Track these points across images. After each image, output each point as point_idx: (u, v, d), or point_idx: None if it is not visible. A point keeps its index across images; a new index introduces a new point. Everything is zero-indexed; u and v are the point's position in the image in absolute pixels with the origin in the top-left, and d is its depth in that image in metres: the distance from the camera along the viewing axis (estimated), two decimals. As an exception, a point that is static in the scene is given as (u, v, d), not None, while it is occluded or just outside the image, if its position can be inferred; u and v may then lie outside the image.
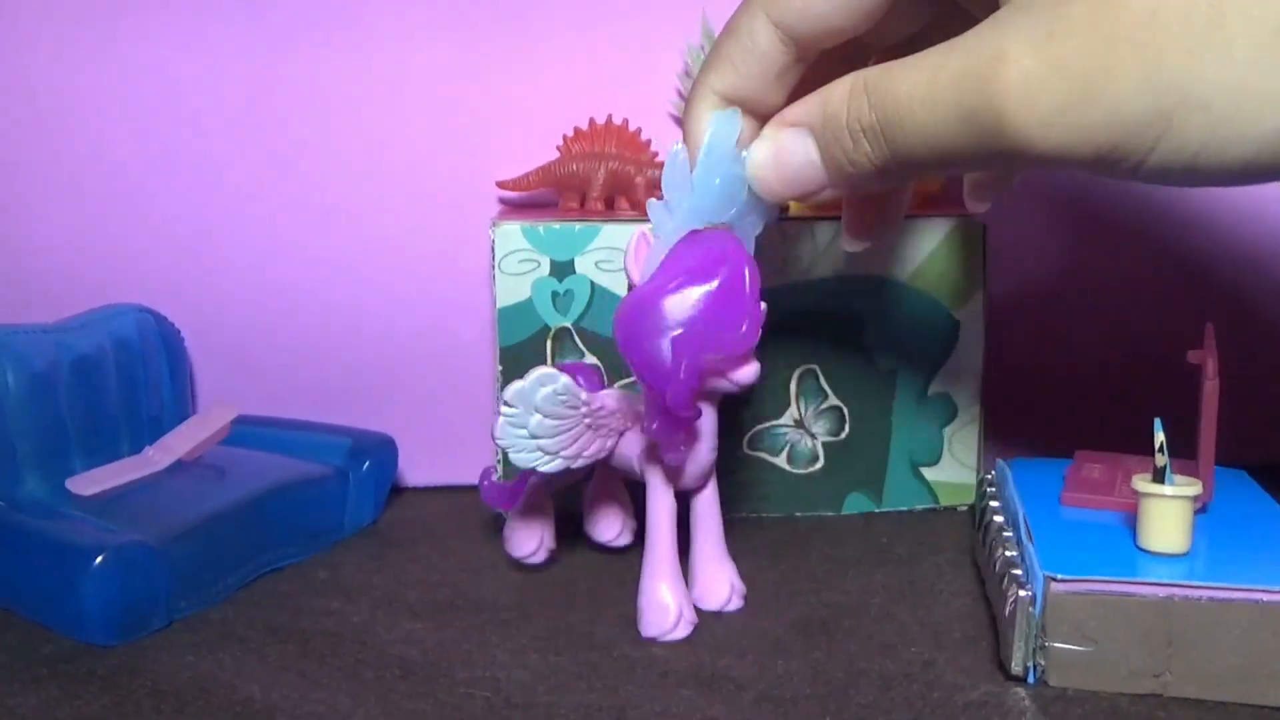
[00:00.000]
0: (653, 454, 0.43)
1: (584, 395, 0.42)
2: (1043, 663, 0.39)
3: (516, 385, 0.41)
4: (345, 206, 0.57)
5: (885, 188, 0.38)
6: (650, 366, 0.39)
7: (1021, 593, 0.39)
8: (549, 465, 0.42)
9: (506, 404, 0.41)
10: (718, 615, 0.44)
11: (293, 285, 0.58)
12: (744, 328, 0.39)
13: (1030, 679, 0.40)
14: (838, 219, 0.52)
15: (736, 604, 0.45)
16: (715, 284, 0.39)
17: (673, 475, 0.43)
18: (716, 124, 0.39)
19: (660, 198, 0.41)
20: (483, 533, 0.53)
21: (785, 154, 0.38)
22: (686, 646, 0.42)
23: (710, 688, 0.39)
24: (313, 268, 0.58)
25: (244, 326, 0.58)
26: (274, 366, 0.58)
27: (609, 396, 0.43)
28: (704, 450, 0.43)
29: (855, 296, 0.53)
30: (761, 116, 0.39)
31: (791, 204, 0.45)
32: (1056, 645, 0.39)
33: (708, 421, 0.43)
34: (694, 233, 0.41)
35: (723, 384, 0.41)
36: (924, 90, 0.33)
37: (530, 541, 0.48)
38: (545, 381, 0.41)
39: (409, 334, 0.58)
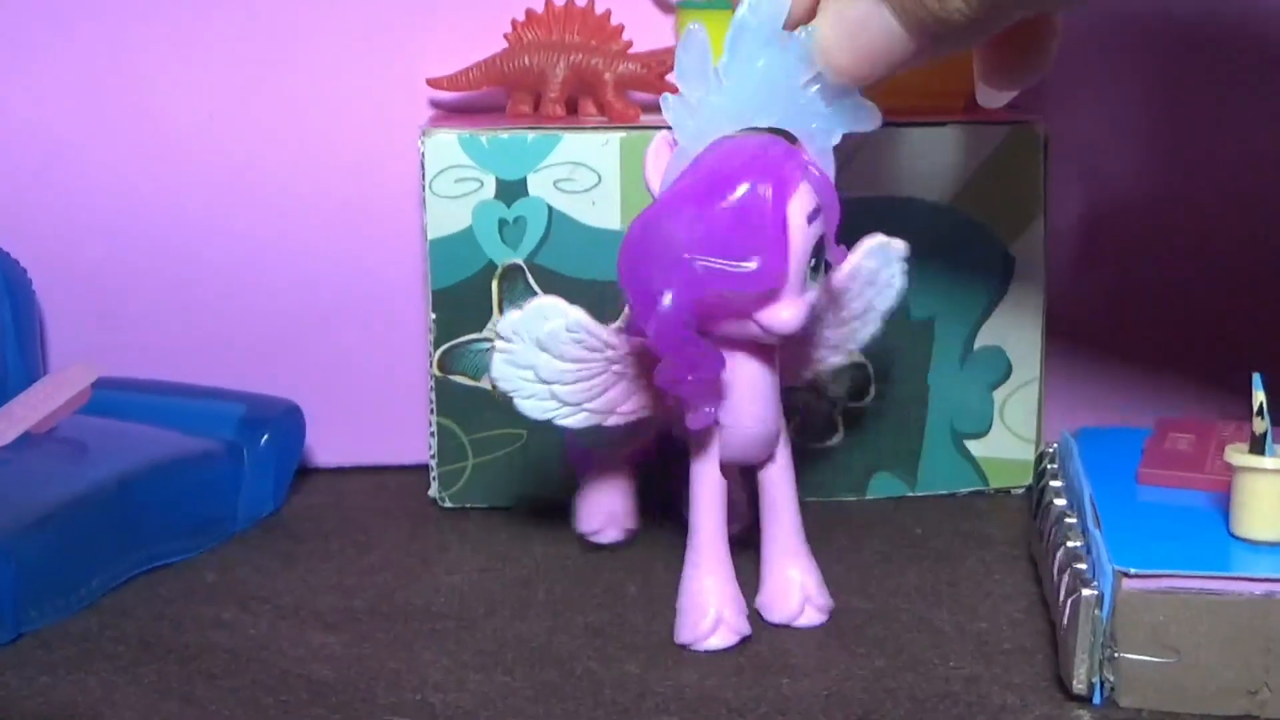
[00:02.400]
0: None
1: (606, 334, 0.42)
2: (1112, 678, 0.40)
3: (512, 316, 0.41)
4: (233, 112, 0.57)
5: (980, 38, 0.39)
6: (639, 299, 0.40)
7: (1086, 592, 0.40)
8: (572, 419, 0.43)
9: (502, 338, 0.42)
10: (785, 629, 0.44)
11: (169, 215, 0.58)
12: (760, 261, 0.39)
13: (1096, 699, 0.40)
14: None
15: (813, 618, 0.44)
16: (727, 202, 0.39)
17: (714, 444, 0.43)
18: None
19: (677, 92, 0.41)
20: (412, 523, 0.54)
21: (853, 22, 0.39)
22: (672, 662, 0.43)
23: (696, 714, 0.40)
24: (194, 192, 0.58)
25: (107, 267, 0.58)
26: (146, 317, 0.58)
27: None
28: (747, 415, 0.43)
29: (882, 223, 0.53)
30: None
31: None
32: (1129, 657, 0.40)
33: (746, 377, 0.42)
34: (728, 138, 0.40)
35: (750, 329, 0.41)
36: None
37: (597, 516, 0.49)
38: (548, 315, 0.41)
39: (317, 276, 0.58)
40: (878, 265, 0.45)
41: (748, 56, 0.40)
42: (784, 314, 0.40)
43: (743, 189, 0.39)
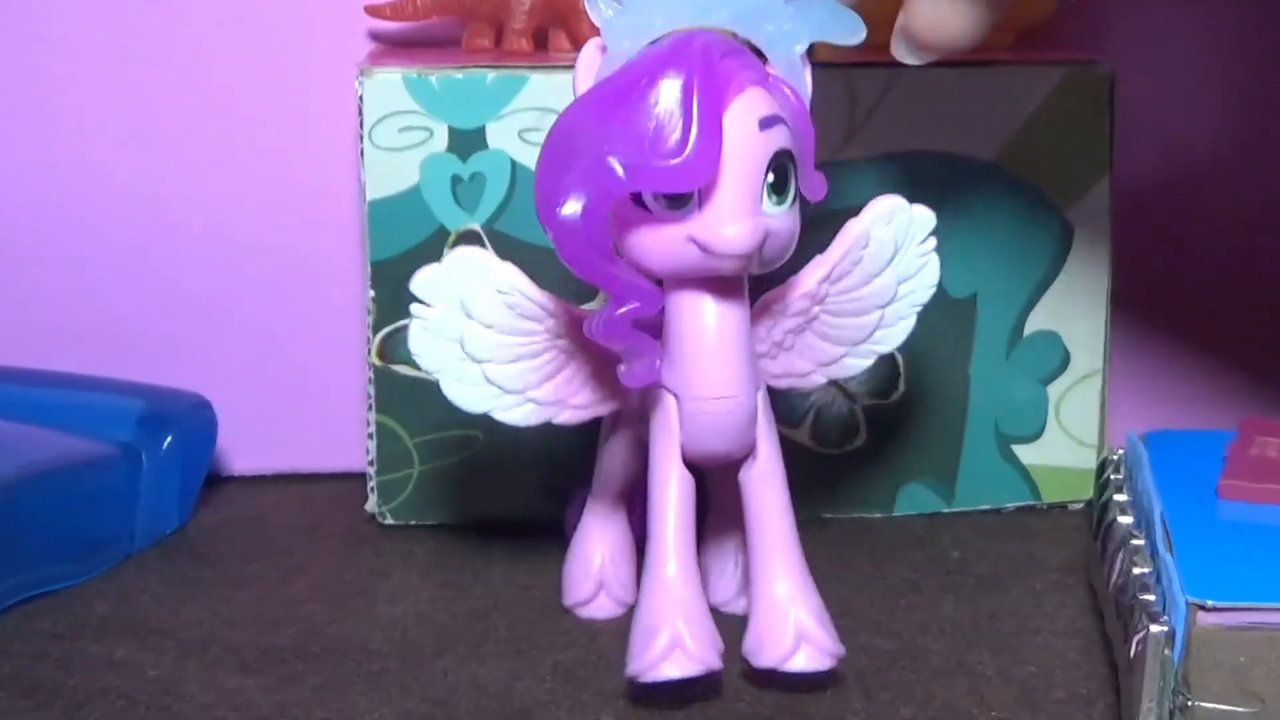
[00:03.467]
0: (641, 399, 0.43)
1: (544, 299, 0.42)
2: (1185, 731, 0.40)
3: (428, 271, 0.41)
4: (127, 47, 0.58)
5: None
6: (547, 211, 0.39)
7: (1155, 628, 0.40)
8: (514, 413, 0.43)
9: (418, 300, 0.42)
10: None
11: (52, 171, 0.58)
12: (683, 155, 0.39)
13: (1166, 756, 0.40)
14: (890, 65, 0.52)
15: (812, 662, 0.43)
16: (642, 93, 0.39)
17: (672, 425, 0.42)
18: None
19: None
20: (347, 543, 0.54)
21: None
22: (658, 715, 0.43)
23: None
24: (81, 144, 0.58)
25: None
26: (22, 293, 0.59)
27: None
28: (710, 383, 0.42)
29: (916, 185, 0.53)
30: None
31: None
32: (1205, 705, 0.39)
33: (704, 331, 0.42)
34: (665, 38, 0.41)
35: (690, 254, 0.40)
36: None
37: (586, 583, 0.48)
38: (474, 269, 0.42)
39: (231, 244, 0.59)
40: (894, 239, 0.45)
41: None
42: (727, 230, 0.40)
43: (660, 78, 0.39)
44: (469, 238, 0.52)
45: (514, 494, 0.54)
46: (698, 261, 0.41)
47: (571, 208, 0.39)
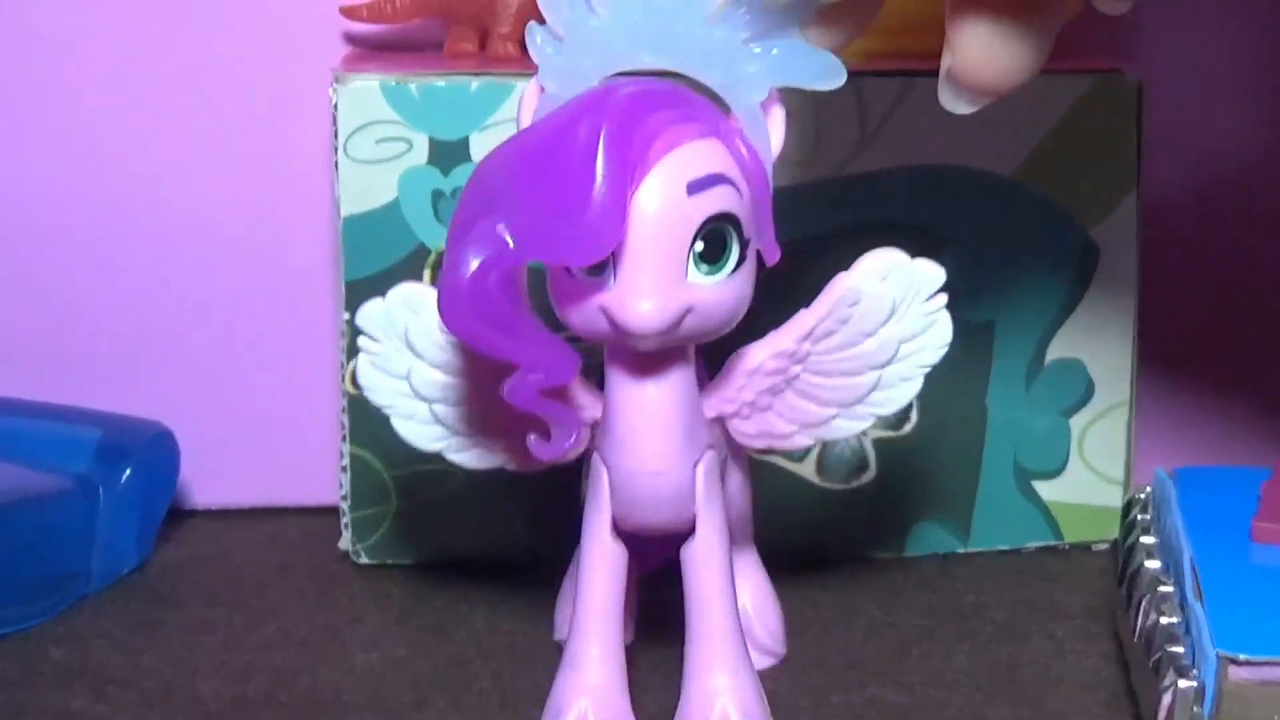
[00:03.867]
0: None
1: None
2: (1215, 795, 0.40)
3: (374, 305, 0.42)
4: (87, 53, 0.58)
5: None
6: (444, 268, 0.39)
7: (1183, 683, 0.40)
8: (464, 455, 0.43)
9: (364, 334, 0.42)
10: None
11: (5, 184, 0.58)
12: (580, 219, 0.37)
13: (1195, 822, 0.40)
14: (902, 73, 0.52)
15: None
16: (550, 147, 0.38)
17: (602, 494, 0.42)
18: None
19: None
20: (319, 584, 0.54)
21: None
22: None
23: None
24: (39, 152, 0.58)
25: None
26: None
27: None
28: (639, 453, 0.41)
29: (930, 201, 0.53)
30: None
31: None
32: None
33: (639, 395, 0.41)
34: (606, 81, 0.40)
35: (601, 324, 0.39)
36: None
37: None
38: (417, 306, 0.41)
39: (195, 263, 0.59)
40: (892, 296, 0.43)
41: None
42: (641, 306, 0.38)
43: (569, 133, 0.38)
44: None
45: (498, 531, 0.54)
46: (613, 334, 0.39)
47: (458, 275, 0.38)
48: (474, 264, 0.37)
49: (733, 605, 0.43)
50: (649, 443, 0.41)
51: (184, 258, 0.59)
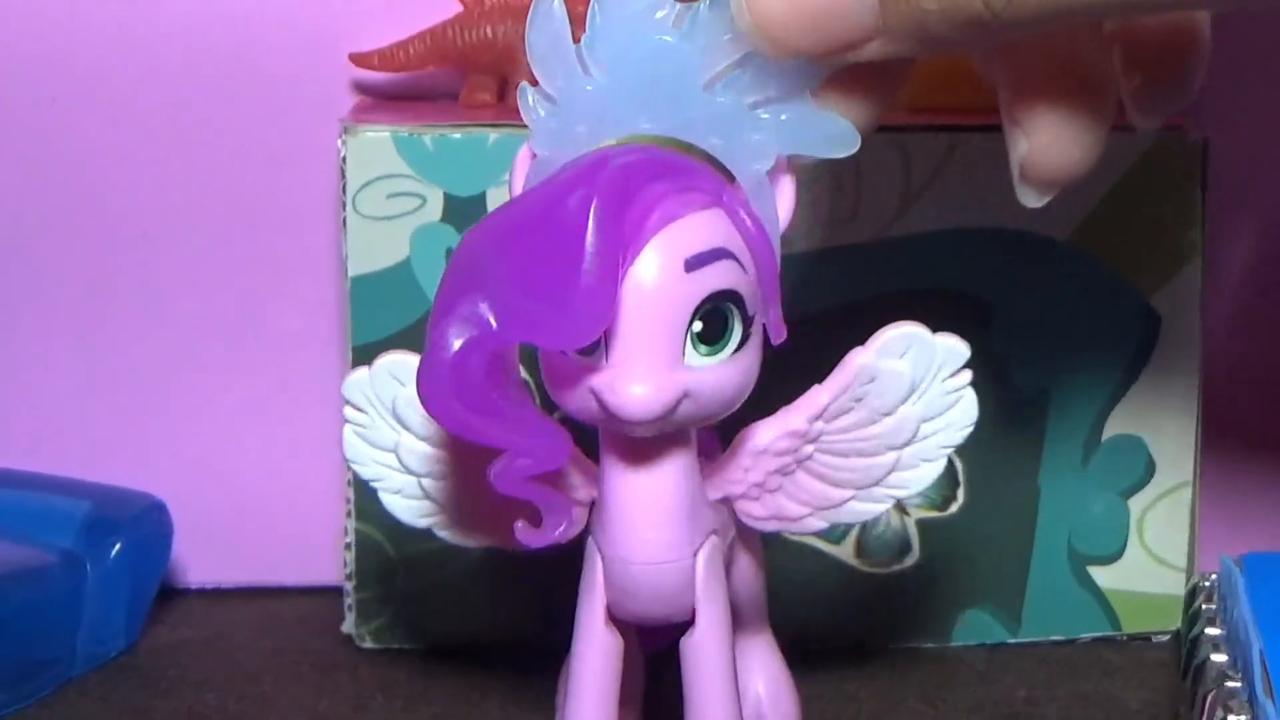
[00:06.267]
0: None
1: None
2: None
3: (358, 375, 0.42)
4: (83, 94, 0.57)
5: (978, 46, 0.39)
6: (427, 347, 0.39)
7: None
8: (453, 533, 0.43)
9: (351, 404, 0.42)
10: None
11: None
12: (567, 301, 0.37)
13: None
14: (950, 128, 0.51)
15: None
16: (537, 223, 0.38)
17: (596, 584, 0.42)
18: None
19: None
20: (320, 670, 0.53)
21: None
22: None
23: None
24: (27, 197, 0.58)
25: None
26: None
27: None
28: (636, 543, 0.41)
29: (978, 266, 0.53)
30: None
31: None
32: None
33: (634, 482, 0.41)
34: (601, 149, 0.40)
35: (595, 408, 0.39)
36: None
37: None
38: (402, 377, 0.41)
39: (194, 324, 0.58)
40: (911, 373, 0.42)
41: (623, 28, 0.39)
42: (633, 391, 0.38)
43: (558, 207, 0.38)
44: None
45: (511, 614, 0.54)
46: (604, 417, 0.39)
47: (438, 356, 0.38)
48: (455, 345, 0.37)
49: (734, 703, 0.42)
50: (645, 533, 0.41)
51: (180, 319, 0.58)
